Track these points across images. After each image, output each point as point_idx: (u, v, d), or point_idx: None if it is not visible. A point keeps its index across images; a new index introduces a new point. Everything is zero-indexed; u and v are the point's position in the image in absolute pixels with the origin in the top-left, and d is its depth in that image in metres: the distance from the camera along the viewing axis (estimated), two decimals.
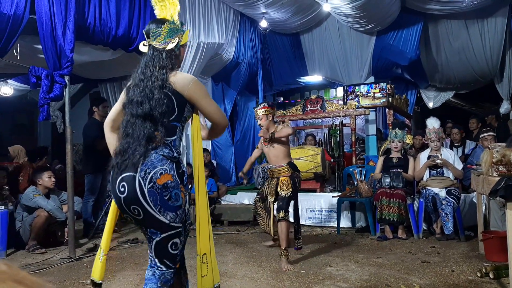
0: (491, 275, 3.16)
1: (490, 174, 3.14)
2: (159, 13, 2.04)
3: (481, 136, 5.42)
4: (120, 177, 1.84)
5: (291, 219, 4.02)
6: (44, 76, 4.27)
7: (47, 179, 4.79)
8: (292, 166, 4.03)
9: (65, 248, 4.48)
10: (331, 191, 6.05)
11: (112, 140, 2.07)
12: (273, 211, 4.14)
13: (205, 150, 7.00)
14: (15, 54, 4.48)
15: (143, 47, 2.07)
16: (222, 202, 6.52)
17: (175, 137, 1.96)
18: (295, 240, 4.07)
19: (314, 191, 6.08)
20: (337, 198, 5.43)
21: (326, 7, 7.09)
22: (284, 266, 3.67)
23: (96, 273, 2.08)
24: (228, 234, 5.45)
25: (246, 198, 6.37)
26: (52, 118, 7.10)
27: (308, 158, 5.99)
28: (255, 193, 4.85)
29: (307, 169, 5.95)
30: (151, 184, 1.80)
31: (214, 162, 7.31)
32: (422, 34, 7.97)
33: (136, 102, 1.91)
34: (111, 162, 1.91)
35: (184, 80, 1.95)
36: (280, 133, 3.98)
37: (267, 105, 4.14)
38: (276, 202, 4.07)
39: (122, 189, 1.83)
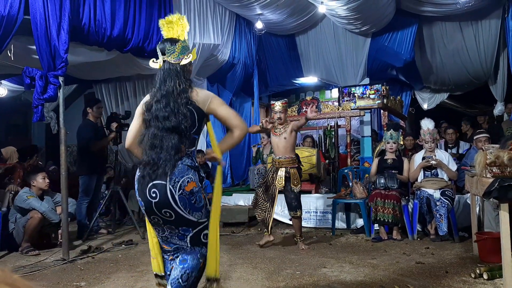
0: (485, 276, 3.18)
1: (484, 175, 3.16)
2: (166, 34, 2.26)
3: (475, 137, 5.44)
4: (151, 184, 2.07)
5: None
6: (38, 77, 4.25)
7: (41, 180, 4.76)
8: (298, 158, 4.69)
9: (59, 250, 4.45)
10: (326, 192, 6.05)
11: (139, 152, 2.25)
12: (276, 200, 4.57)
13: (201, 151, 6.99)
14: (9, 54, 4.45)
15: (153, 64, 2.28)
16: None
17: (194, 147, 2.23)
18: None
19: (309, 192, 6.08)
20: (332, 199, 5.44)
21: (321, 9, 7.11)
22: (302, 246, 4.49)
23: (155, 267, 2.34)
24: (223, 235, 5.43)
25: (241, 200, 6.36)
26: (46, 119, 7.05)
27: (303, 159, 5.97)
28: (250, 195, 4.97)
29: (302, 170, 5.95)
30: (180, 191, 2.06)
31: (209, 164, 7.29)
32: (417, 36, 8.00)
33: (162, 117, 2.10)
34: (140, 173, 2.14)
35: (205, 97, 2.20)
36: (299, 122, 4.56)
37: (285, 101, 4.70)
38: (286, 197, 4.57)
39: (154, 195, 2.07)
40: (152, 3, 5.53)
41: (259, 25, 7.40)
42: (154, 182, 2.06)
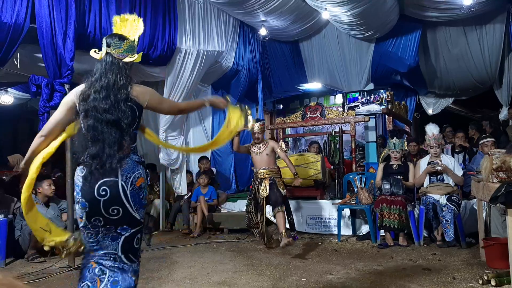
0: (492, 282, 3.15)
1: (491, 180, 3.14)
2: (117, 30, 2.32)
3: (481, 142, 5.42)
4: (101, 181, 2.03)
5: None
6: (44, 85, 4.29)
7: (46, 187, 4.78)
8: (279, 169, 4.92)
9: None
10: (331, 198, 6.03)
11: (36, 146, 2.21)
12: (265, 210, 4.73)
13: (204, 157, 7.00)
14: (16, 63, 4.50)
15: (94, 54, 2.27)
16: (222, 209, 6.50)
17: (136, 143, 2.23)
18: (291, 232, 4.81)
19: (314, 198, 6.07)
20: (337, 205, 5.42)
21: (325, 15, 7.12)
22: (285, 240, 4.31)
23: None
24: (228, 242, 5.43)
25: None
26: None
27: (308, 165, 5.98)
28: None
29: (307, 176, 5.94)
30: (132, 187, 2.07)
31: (214, 170, 7.30)
32: (421, 41, 7.99)
33: (103, 109, 2.07)
34: (86, 170, 2.06)
35: (144, 94, 2.20)
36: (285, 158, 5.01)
37: (263, 123, 5.05)
38: (270, 200, 4.66)
39: (103, 193, 2.03)
40: (156, 11, 5.57)
41: (263, 31, 7.43)
42: (104, 179, 2.02)
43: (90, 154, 2.05)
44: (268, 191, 4.63)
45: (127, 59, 2.23)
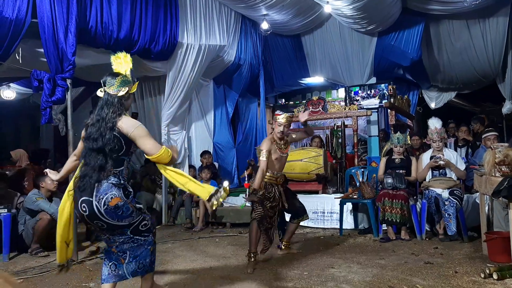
0: (494, 276, 3.15)
1: (493, 174, 3.14)
2: (115, 67, 2.62)
3: (483, 136, 5.40)
4: (80, 199, 2.40)
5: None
6: (46, 80, 4.29)
7: (49, 182, 4.79)
8: None
9: None
10: (333, 193, 6.03)
11: (70, 167, 2.78)
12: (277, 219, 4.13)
13: (207, 152, 7.01)
14: (17, 57, 4.50)
15: (99, 93, 2.59)
16: (224, 204, 6.51)
17: (122, 167, 2.52)
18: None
19: (316, 192, 6.07)
20: (339, 199, 5.42)
21: (327, 9, 7.09)
22: (286, 251, 4.26)
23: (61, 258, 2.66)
24: (231, 236, 5.45)
25: None
26: (54, 122, 7.09)
27: (310, 160, 5.97)
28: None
29: (309, 170, 5.94)
30: (105, 206, 2.36)
31: (216, 164, 7.31)
32: (424, 35, 7.95)
33: (92, 139, 2.44)
34: (75, 185, 2.48)
35: (129, 126, 2.48)
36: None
37: (291, 115, 4.47)
38: (293, 209, 4.18)
39: (84, 209, 2.39)
40: (158, 4, 5.56)
41: (264, 25, 7.40)
42: (83, 198, 2.39)
43: (80, 175, 2.44)
44: (286, 201, 4.02)
45: (121, 93, 2.53)
